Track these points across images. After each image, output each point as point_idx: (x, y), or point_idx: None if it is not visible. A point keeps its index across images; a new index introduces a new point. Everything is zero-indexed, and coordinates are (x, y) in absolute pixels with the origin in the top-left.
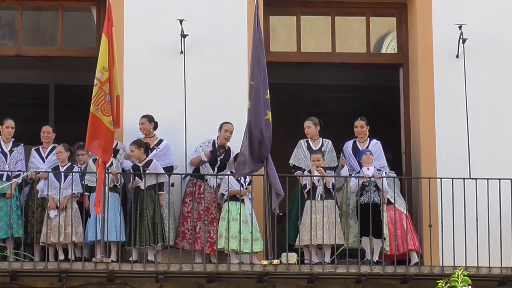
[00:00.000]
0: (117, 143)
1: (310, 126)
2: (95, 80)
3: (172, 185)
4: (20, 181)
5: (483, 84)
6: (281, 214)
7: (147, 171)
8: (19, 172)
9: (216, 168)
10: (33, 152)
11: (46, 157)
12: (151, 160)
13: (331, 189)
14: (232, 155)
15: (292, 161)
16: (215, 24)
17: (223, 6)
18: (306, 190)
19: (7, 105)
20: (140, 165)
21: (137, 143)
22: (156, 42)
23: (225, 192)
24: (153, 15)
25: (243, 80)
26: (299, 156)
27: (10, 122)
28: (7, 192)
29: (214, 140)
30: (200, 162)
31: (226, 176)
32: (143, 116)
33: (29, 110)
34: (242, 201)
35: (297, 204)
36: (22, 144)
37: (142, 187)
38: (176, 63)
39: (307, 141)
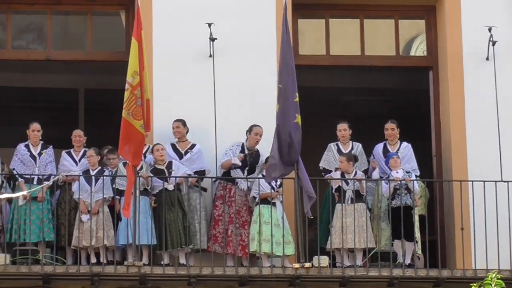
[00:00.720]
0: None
1: (346, 129)
2: (126, 85)
3: (205, 190)
4: (51, 183)
5: None
6: (312, 217)
7: (172, 173)
8: (49, 175)
9: (246, 171)
10: (64, 155)
11: (79, 160)
12: (171, 162)
13: (361, 192)
14: (261, 158)
15: (322, 164)
16: (244, 28)
17: (252, 9)
18: (334, 189)
19: (37, 109)
20: (163, 167)
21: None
22: (185, 46)
23: (257, 195)
24: (181, 18)
25: (272, 83)
26: (329, 159)
27: (36, 126)
28: (38, 195)
29: (243, 143)
30: (231, 165)
31: (257, 179)
32: (177, 120)
33: (59, 114)
34: (274, 204)
35: (328, 207)
36: (51, 146)
37: (170, 188)
38: (205, 67)
39: (337, 144)
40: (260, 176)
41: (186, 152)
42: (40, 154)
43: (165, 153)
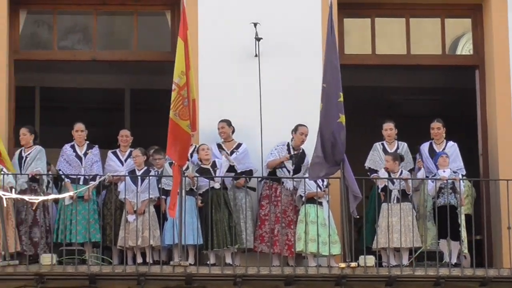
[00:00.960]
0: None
1: (392, 128)
2: (173, 85)
3: (254, 189)
4: (97, 183)
5: None
6: (358, 216)
7: (217, 171)
8: (95, 175)
9: (292, 171)
10: (110, 155)
11: (125, 160)
12: (215, 161)
13: (407, 192)
14: (307, 158)
15: (367, 164)
16: (289, 27)
17: (297, 9)
18: (380, 189)
19: (83, 109)
20: (209, 167)
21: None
22: (230, 46)
23: (303, 194)
24: (227, 18)
25: (317, 83)
26: (375, 159)
27: (79, 126)
28: (84, 195)
29: (288, 143)
30: (277, 165)
31: (303, 179)
32: (222, 121)
33: (105, 115)
34: (320, 203)
35: (374, 206)
36: (97, 146)
37: (217, 187)
38: (251, 66)
39: (382, 144)
40: (307, 175)
41: (232, 152)
42: (85, 154)
43: (210, 152)
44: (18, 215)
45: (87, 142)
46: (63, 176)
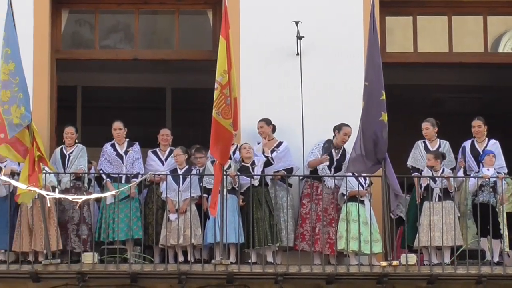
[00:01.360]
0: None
1: (428, 128)
2: (216, 84)
3: (290, 185)
4: (139, 182)
5: None
6: (397, 216)
7: (255, 169)
8: (137, 174)
9: (332, 169)
10: (150, 154)
11: (166, 159)
12: (253, 160)
13: (449, 190)
14: (348, 156)
15: (409, 162)
16: (331, 25)
17: (339, 7)
18: (423, 188)
19: (124, 109)
20: (249, 164)
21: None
22: (272, 44)
23: (345, 192)
24: (269, 17)
25: (359, 81)
26: (416, 157)
27: (117, 124)
28: (131, 193)
29: (329, 139)
30: (318, 164)
31: (349, 176)
32: (261, 120)
33: (146, 114)
34: (362, 202)
35: (415, 205)
36: (137, 143)
37: (256, 184)
38: (293, 65)
39: (424, 142)
40: (349, 174)
41: (272, 151)
42: (126, 152)
43: (252, 151)
44: (65, 213)
45: (127, 140)
46: (104, 176)
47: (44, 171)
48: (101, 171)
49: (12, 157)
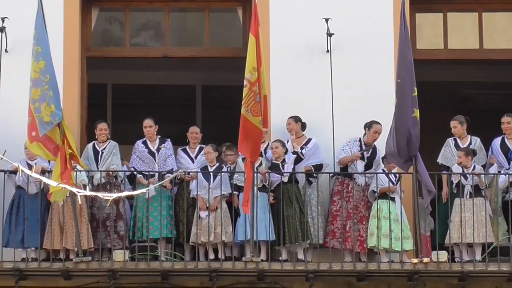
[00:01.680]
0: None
1: (456, 126)
2: (245, 81)
3: (310, 183)
4: (171, 178)
5: None
6: (431, 209)
7: (285, 166)
8: (170, 170)
9: (363, 166)
10: (180, 152)
11: (195, 157)
12: (284, 157)
13: (480, 187)
14: (378, 153)
15: (440, 160)
16: (361, 22)
17: (369, 4)
18: (455, 184)
19: (155, 106)
20: (279, 162)
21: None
22: (302, 41)
23: (376, 189)
24: (298, 14)
25: (390, 78)
26: (447, 155)
27: (148, 122)
28: (167, 185)
29: (360, 138)
30: (349, 161)
31: (379, 173)
32: (290, 117)
33: (176, 111)
34: (393, 199)
35: (446, 202)
36: (169, 140)
37: (285, 180)
38: (322, 62)
39: (455, 140)
40: (380, 170)
41: (301, 148)
42: (158, 149)
43: (280, 150)
44: (101, 210)
45: (159, 136)
46: (135, 173)
47: (75, 169)
48: (132, 169)
49: (43, 155)
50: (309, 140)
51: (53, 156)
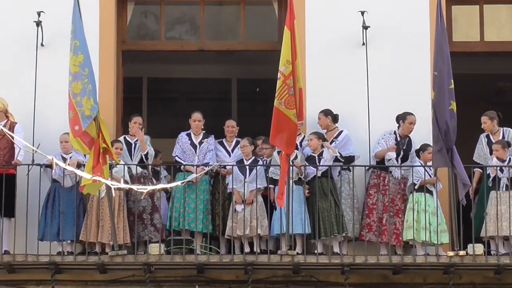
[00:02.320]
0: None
1: (486, 122)
2: (279, 74)
3: (332, 178)
4: (206, 171)
5: None
6: (465, 203)
7: (321, 161)
8: (206, 163)
9: (399, 159)
10: (217, 145)
11: (232, 151)
12: (322, 151)
13: None
14: (413, 145)
15: (474, 157)
16: (396, 15)
17: None
18: (492, 178)
19: (191, 99)
20: (316, 154)
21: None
22: (337, 34)
23: (417, 181)
24: (334, 7)
25: (425, 71)
26: (480, 153)
27: (197, 115)
28: (193, 179)
29: (395, 131)
30: (385, 154)
31: (416, 166)
32: (320, 112)
33: (212, 104)
34: (430, 192)
35: (482, 194)
36: (212, 136)
37: (319, 174)
38: (358, 55)
39: (487, 136)
40: (416, 163)
41: (331, 142)
42: (201, 143)
43: (315, 142)
44: (138, 203)
45: (204, 131)
46: (180, 161)
47: (111, 162)
48: (176, 157)
49: (81, 149)
50: (341, 132)
51: (89, 150)
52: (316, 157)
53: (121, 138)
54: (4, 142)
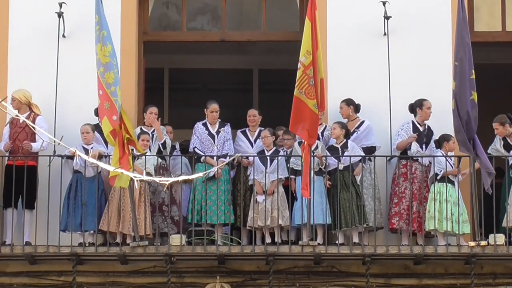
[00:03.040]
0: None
1: (498, 128)
2: (299, 64)
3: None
4: (227, 162)
5: None
6: (491, 192)
7: (345, 152)
8: (225, 154)
9: (423, 145)
10: (240, 135)
11: (255, 141)
12: (346, 142)
13: None
14: (433, 131)
15: (489, 150)
16: (418, 5)
17: None
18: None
19: (212, 90)
20: (339, 145)
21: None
22: (359, 25)
23: (440, 172)
24: None
25: (447, 61)
26: (493, 152)
27: (214, 106)
28: (215, 173)
29: (412, 121)
30: (406, 144)
31: (438, 156)
32: (342, 101)
33: (233, 95)
34: (451, 182)
35: (504, 184)
36: (228, 124)
37: (341, 168)
38: (380, 45)
39: (504, 138)
40: (438, 153)
41: (353, 132)
42: (218, 132)
43: (338, 132)
44: (158, 194)
45: (219, 120)
46: (200, 152)
47: (135, 153)
48: (195, 148)
49: (110, 141)
50: (362, 122)
51: (114, 141)
52: (340, 149)
53: (137, 129)
54: (24, 134)
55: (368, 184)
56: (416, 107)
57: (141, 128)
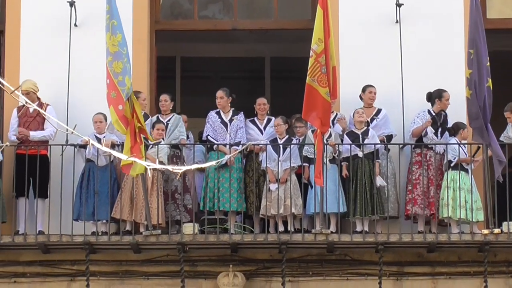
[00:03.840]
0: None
1: (510, 117)
2: (311, 52)
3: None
4: (240, 151)
5: None
6: (502, 180)
7: (366, 140)
8: (238, 142)
9: (439, 134)
10: (249, 123)
11: (264, 128)
12: (368, 129)
13: None
14: (449, 119)
15: (501, 138)
16: None
17: None
18: None
19: (224, 78)
20: (359, 132)
21: None
22: (371, 12)
23: (453, 159)
24: None
25: (460, 48)
26: (505, 140)
27: (218, 93)
28: (228, 161)
29: (428, 110)
30: (421, 131)
31: (451, 143)
32: (372, 86)
33: (245, 83)
34: (465, 170)
35: None
36: (242, 112)
37: (360, 155)
38: (392, 33)
39: None
40: (452, 141)
41: (372, 119)
42: (231, 120)
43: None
44: (170, 183)
45: (233, 109)
46: (213, 140)
47: (149, 143)
48: (209, 137)
49: (120, 129)
50: (379, 110)
51: (126, 130)
52: (360, 136)
53: (154, 118)
54: (36, 124)
55: (383, 172)
56: (435, 97)
57: (157, 117)
